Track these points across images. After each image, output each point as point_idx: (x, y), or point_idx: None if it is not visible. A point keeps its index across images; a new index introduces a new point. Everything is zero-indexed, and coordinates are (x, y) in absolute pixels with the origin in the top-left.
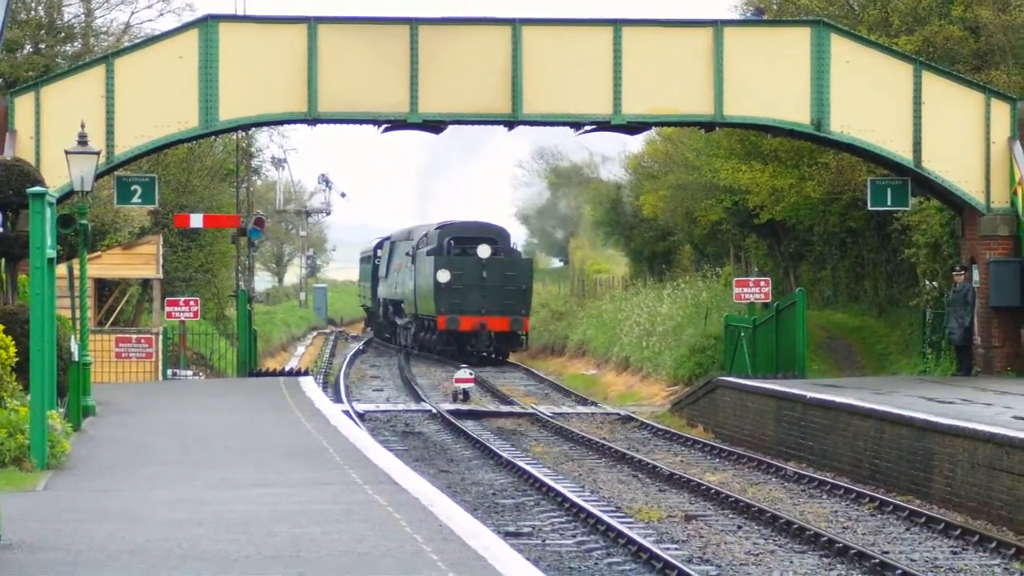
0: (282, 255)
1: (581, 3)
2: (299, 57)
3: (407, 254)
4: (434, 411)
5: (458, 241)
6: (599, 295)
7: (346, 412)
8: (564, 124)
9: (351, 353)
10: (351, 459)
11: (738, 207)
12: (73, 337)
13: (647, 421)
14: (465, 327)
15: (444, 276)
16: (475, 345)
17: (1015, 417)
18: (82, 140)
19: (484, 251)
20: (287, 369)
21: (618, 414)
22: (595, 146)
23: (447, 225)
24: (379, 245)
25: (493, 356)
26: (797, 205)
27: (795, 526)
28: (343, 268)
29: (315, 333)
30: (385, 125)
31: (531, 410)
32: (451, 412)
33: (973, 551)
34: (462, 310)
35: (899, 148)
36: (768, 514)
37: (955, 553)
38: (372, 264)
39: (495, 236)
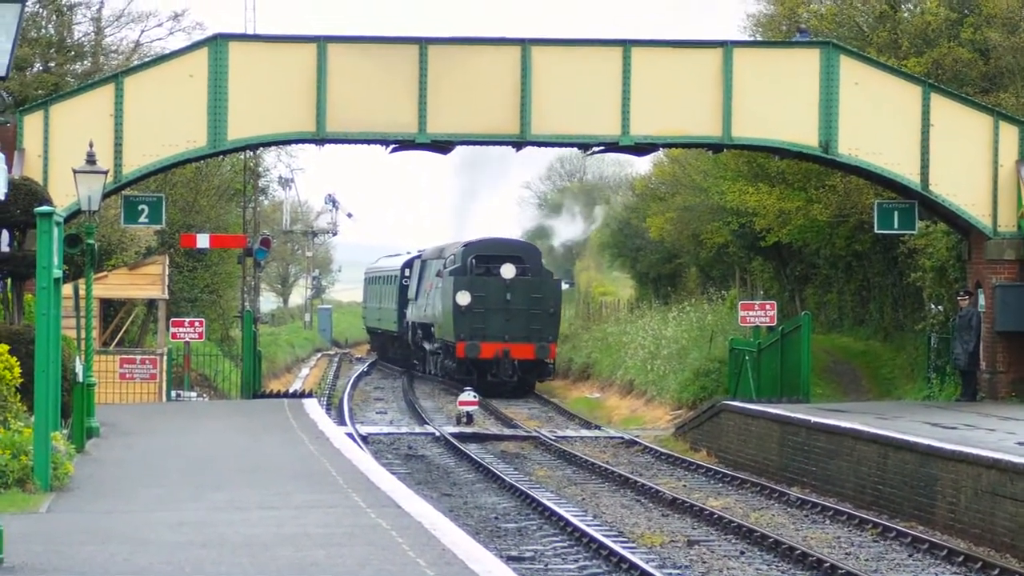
0: (288, 276)
1: (591, 23)
2: (308, 76)
3: (437, 274)
4: (437, 434)
5: (481, 260)
6: (604, 318)
7: (349, 435)
8: (572, 145)
9: (355, 375)
10: (354, 482)
11: (744, 229)
12: (78, 358)
13: (651, 445)
14: (486, 354)
15: (464, 298)
16: (497, 374)
17: (1019, 443)
18: (90, 159)
19: (508, 271)
20: (291, 391)
21: (622, 438)
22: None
23: (472, 243)
24: (408, 264)
25: (517, 386)
26: (804, 228)
27: (798, 552)
28: (349, 289)
29: (319, 355)
30: (393, 145)
31: (535, 433)
32: (455, 435)
33: None
34: (484, 336)
35: (907, 171)
36: (771, 540)
37: None
38: (399, 284)
39: (522, 255)
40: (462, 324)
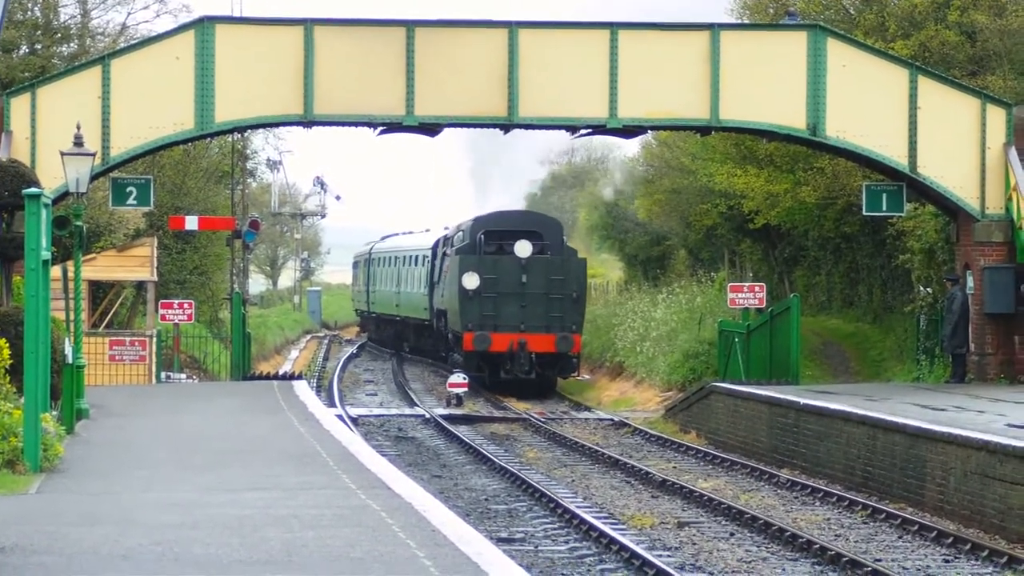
0: (276, 258)
1: (578, 6)
2: (295, 59)
3: (445, 254)
4: (427, 416)
5: (492, 236)
6: (593, 300)
7: (339, 416)
8: (560, 127)
9: (345, 357)
10: (344, 464)
11: (733, 212)
12: (67, 339)
13: (640, 427)
14: (498, 347)
15: (471, 281)
16: (511, 370)
17: (1008, 425)
18: (78, 141)
19: (524, 249)
20: (281, 373)
21: (611, 420)
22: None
23: (482, 217)
24: (437, 244)
25: (536, 384)
26: (792, 210)
27: (788, 533)
28: (337, 271)
29: (309, 337)
30: (381, 127)
31: (524, 415)
32: (444, 417)
33: (965, 559)
34: (495, 325)
35: (894, 153)
36: (761, 521)
37: (947, 561)
38: (430, 266)
39: (541, 230)
40: (469, 311)
